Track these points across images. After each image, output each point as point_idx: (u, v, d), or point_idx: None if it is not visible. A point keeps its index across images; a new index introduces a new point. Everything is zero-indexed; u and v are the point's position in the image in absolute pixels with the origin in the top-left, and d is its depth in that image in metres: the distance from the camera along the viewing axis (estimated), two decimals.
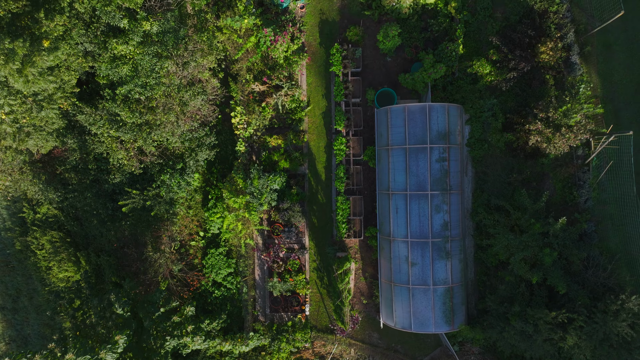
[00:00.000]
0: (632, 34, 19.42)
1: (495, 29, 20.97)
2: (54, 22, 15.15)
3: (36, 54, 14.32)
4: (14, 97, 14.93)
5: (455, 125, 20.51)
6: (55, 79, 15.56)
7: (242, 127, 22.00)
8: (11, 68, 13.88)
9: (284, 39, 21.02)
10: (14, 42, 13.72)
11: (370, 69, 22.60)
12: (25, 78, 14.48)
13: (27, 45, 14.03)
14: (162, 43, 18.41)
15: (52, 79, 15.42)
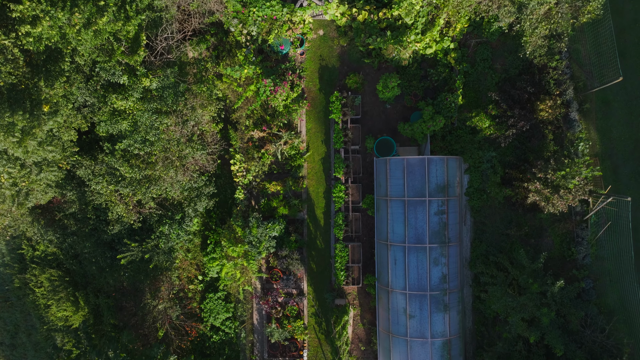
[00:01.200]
0: (631, 91, 19.48)
1: (495, 81, 21.02)
2: (54, 89, 15.20)
3: (36, 125, 14.37)
4: (13, 165, 14.98)
5: (454, 177, 20.53)
6: (54, 148, 15.61)
7: (241, 174, 22.03)
8: (11, 141, 13.92)
9: (284, 89, 21.06)
10: (13, 116, 13.77)
11: (370, 116, 22.64)
12: (25, 149, 14.53)
13: (26, 117, 14.08)
14: (161, 99, 18.44)
15: (52, 148, 15.46)
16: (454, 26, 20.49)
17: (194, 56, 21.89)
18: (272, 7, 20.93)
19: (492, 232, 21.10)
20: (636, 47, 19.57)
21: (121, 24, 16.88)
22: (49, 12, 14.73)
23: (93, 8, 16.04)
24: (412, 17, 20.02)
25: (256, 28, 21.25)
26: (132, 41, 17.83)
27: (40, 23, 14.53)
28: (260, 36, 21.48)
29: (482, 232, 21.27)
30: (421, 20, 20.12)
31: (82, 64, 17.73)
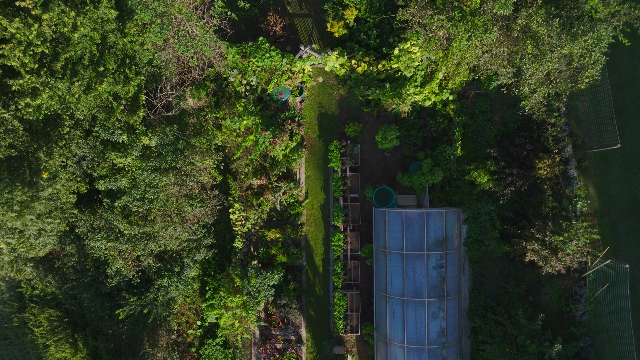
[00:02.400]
0: (630, 149, 19.52)
1: (494, 133, 21.07)
2: (53, 159, 15.26)
3: (35, 199, 14.42)
4: (12, 235, 15.03)
5: (453, 229, 20.57)
6: (53, 220, 15.66)
7: (240, 223, 22.07)
8: (10, 215, 13.97)
9: (283, 140, 21.11)
10: (13, 192, 13.82)
11: (369, 164, 22.68)
12: (24, 222, 14.58)
13: (25, 192, 14.12)
14: (160, 156, 18.48)
15: (51, 220, 15.51)
16: (453, 79, 20.53)
17: (193, 105, 21.96)
18: (271, 57, 21.00)
19: (491, 283, 21.12)
20: (634, 104, 19.62)
21: (121, 86, 16.93)
22: (49, 83, 14.78)
23: (93, 73, 16.10)
24: (411, 70, 20.08)
25: (256, 78, 21.31)
26: (132, 100, 17.88)
27: (40, 96, 14.56)
28: (260, 86, 21.54)
29: (481, 283, 21.29)
30: (420, 74, 20.17)
31: (81, 118, 17.77)
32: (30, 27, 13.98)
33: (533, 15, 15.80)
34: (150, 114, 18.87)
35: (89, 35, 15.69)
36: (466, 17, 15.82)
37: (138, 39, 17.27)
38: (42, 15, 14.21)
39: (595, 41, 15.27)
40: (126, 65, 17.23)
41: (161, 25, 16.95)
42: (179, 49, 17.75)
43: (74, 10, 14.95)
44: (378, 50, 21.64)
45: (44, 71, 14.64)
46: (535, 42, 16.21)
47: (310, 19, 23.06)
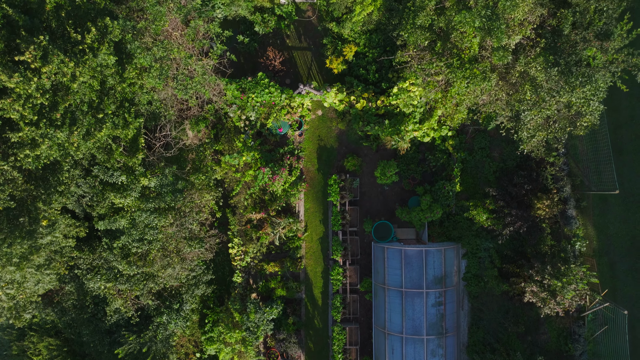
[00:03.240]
0: (628, 188, 19.55)
1: (493, 169, 21.09)
2: (52, 208, 15.28)
3: (34, 252, 14.44)
4: (11, 286, 15.06)
5: (452, 266, 20.59)
6: (51, 271, 15.69)
7: (239, 258, 22.09)
8: (8, 270, 14.00)
9: (282, 176, 21.13)
10: (12, 246, 13.84)
11: (368, 197, 22.70)
12: (23, 274, 14.60)
13: (24, 244, 14.15)
14: (159, 196, 18.50)
15: (49, 271, 15.54)
16: (452, 116, 20.55)
17: (192, 136, 21.98)
18: (270, 93, 21.03)
19: (490, 319, 21.12)
20: (633, 143, 19.65)
21: (120, 130, 16.95)
22: (48, 134, 14.80)
23: (92, 119, 16.13)
24: (410, 108, 20.10)
25: (255, 113, 21.34)
26: (131, 142, 17.90)
27: (39, 147, 14.59)
28: (259, 121, 21.56)
29: (480, 318, 21.29)
30: (419, 111, 20.19)
31: (80, 157, 17.80)
32: (29, 81, 14.01)
33: (531, 63, 15.84)
34: (149, 154, 18.89)
35: (88, 83, 15.72)
36: (465, 65, 15.85)
37: (137, 82, 17.31)
38: (41, 69, 14.25)
39: (594, 91, 15.30)
40: (125, 108, 17.26)
41: (160, 69, 16.99)
42: (178, 93, 17.78)
43: (73, 61, 14.99)
44: (377, 85, 21.67)
45: (43, 122, 14.66)
46: (534, 88, 16.25)
47: (309, 52, 23.10)
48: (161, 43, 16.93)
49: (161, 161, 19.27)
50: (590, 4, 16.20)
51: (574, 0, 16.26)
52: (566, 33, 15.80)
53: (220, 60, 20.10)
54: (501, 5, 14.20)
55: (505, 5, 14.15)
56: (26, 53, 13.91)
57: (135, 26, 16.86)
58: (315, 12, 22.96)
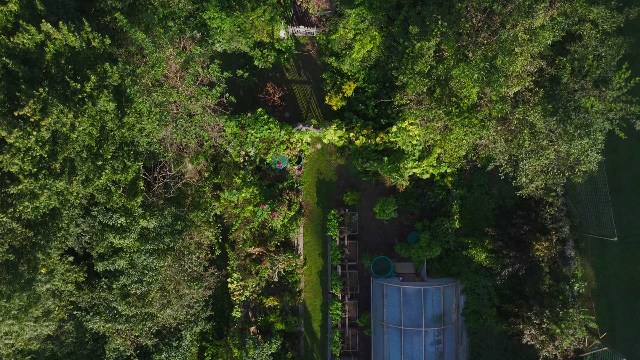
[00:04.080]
0: (627, 228, 19.58)
1: (491, 206, 21.12)
2: (51, 257, 15.32)
3: (33, 304, 14.47)
4: (10, 336, 15.08)
5: (451, 303, 20.61)
6: (50, 322, 15.71)
7: (238, 293, 22.10)
8: (7, 323, 14.02)
9: (281, 213, 21.15)
10: (10, 300, 13.86)
11: (367, 231, 22.72)
12: (21, 326, 14.62)
13: (23, 296, 14.17)
14: (159, 237, 18.52)
15: (47, 323, 15.57)
16: (450, 154, 20.58)
17: (191, 169, 22.00)
18: (270, 129, 21.08)
19: (488, 356, 21.12)
20: (632, 184, 19.68)
21: (119, 175, 16.97)
22: (47, 184, 14.83)
23: (91, 166, 16.15)
24: (409, 145, 20.12)
25: (254, 149, 21.37)
26: (130, 184, 17.93)
27: (38, 199, 14.61)
28: (258, 156, 21.59)
29: (478, 355, 21.29)
30: (418, 148, 20.22)
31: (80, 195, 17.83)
32: (29, 135, 14.04)
33: (530, 111, 15.87)
34: (148, 195, 18.90)
35: (87, 130, 15.74)
36: (463, 114, 15.88)
37: (136, 125, 17.33)
38: (41, 121, 14.28)
39: (592, 143, 15.34)
40: (124, 151, 17.28)
41: (160, 114, 17.01)
42: (177, 137, 17.81)
43: (73, 110, 15.02)
44: (376, 121, 21.71)
45: (42, 174, 14.69)
46: (533, 134, 16.28)
47: (309, 85, 23.14)
48: (160, 88, 16.96)
49: (160, 200, 19.28)
50: (588, 52, 16.26)
51: (572, 48, 16.33)
52: (565, 81, 15.84)
53: (220, 99, 20.13)
54: (499, 61, 14.23)
55: (504, 60, 14.19)
56: (25, 107, 13.94)
57: (135, 71, 16.89)
58: (314, 46, 23.00)
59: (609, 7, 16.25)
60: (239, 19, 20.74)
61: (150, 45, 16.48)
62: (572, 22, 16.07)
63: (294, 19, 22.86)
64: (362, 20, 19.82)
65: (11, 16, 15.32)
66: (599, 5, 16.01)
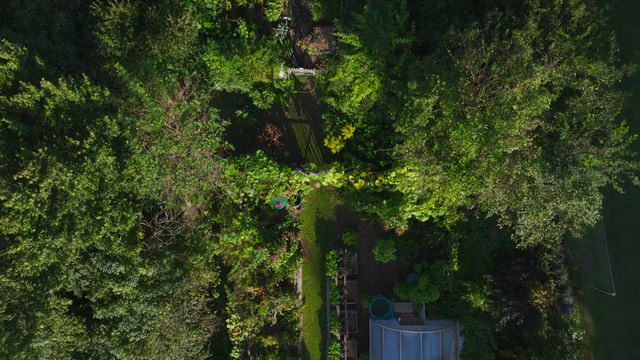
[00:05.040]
0: (625, 275, 19.62)
1: (490, 250, 21.15)
2: (50, 315, 15.35)
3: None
4: None
5: (449, 347, 20.61)
6: None
7: (237, 334, 22.10)
8: None
9: (280, 256, 21.18)
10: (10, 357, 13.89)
11: (366, 270, 22.74)
12: None
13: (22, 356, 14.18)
14: (158, 285, 18.53)
15: None
16: (449, 198, 20.61)
17: (191, 206, 22.04)
18: (269, 171, 21.11)
19: None
20: (630, 230, 19.72)
21: (118, 226, 16.99)
22: (46, 243, 14.85)
23: (90, 220, 16.18)
24: (408, 190, 20.14)
25: (253, 191, 21.41)
26: (129, 233, 17.94)
27: (37, 259, 14.63)
28: (257, 198, 21.61)
29: None
30: (417, 192, 20.24)
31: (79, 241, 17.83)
32: (28, 199, 14.06)
33: (528, 167, 15.91)
34: (147, 243, 18.90)
35: (87, 186, 15.76)
36: (462, 170, 15.92)
37: (136, 176, 17.35)
38: (40, 183, 14.30)
39: (589, 203, 15.38)
40: (123, 202, 17.30)
41: (159, 168, 17.03)
42: (176, 189, 17.84)
43: (72, 168, 15.04)
44: (375, 162, 21.74)
45: (41, 234, 14.72)
46: (531, 189, 16.32)
47: (308, 125, 23.18)
48: (159, 140, 16.99)
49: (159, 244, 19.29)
50: (587, 107, 16.31)
51: (570, 103, 16.37)
52: (563, 138, 15.88)
53: (220, 144, 20.17)
54: (497, 125, 14.27)
55: (502, 125, 14.23)
56: (25, 171, 13.95)
57: (134, 122, 16.92)
58: (314, 85, 23.06)
59: (607, 62, 16.31)
60: (239, 62, 20.81)
61: (150, 99, 16.51)
62: (571, 78, 16.12)
63: (293, 59, 22.93)
64: (361, 65, 19.87)
65: (11, 74, 15.35)
66: (597, 62, 16.06)
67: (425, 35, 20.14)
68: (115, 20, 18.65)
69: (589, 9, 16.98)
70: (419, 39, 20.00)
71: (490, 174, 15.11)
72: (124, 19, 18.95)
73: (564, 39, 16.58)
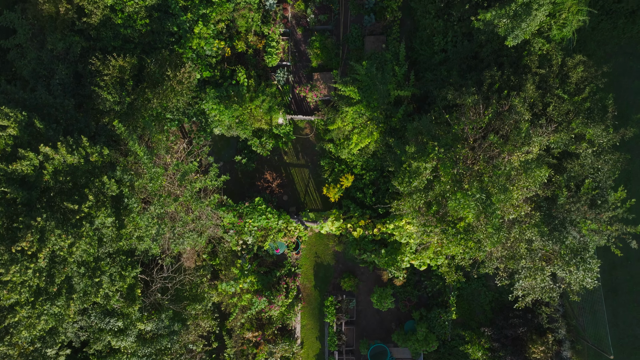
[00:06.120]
0: (623, 329, 19.64)
1: (489, 299, 21.17)
2: None
3: None
4: None
5: None
6: None
7: None
8: None
9: (278, 305, 21.19)
10: None
11: (364, 316, 22.74)
12: None
13: None
14: (156, 339, 18.54)
15: None
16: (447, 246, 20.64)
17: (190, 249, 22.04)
18: (268, 219, 21.14)
19: None
20: (628, 283, 19.74)
21: (117, 284, 17.00)
22: (45, 311, 14.86)
23: (89, 281, 16.20)
24: (407, 239, 20.18)
25: (252, 238, 21.43)
26: (128, 290, 17.94)
27: (35, 328, 14.64)
28: (256, 245, 21.63)
29: None
30: (416, 242, 20.27)
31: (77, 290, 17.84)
32: (27, 270, 14.09)
33: (526, 231, 15.94)
34: (146, 294, 18.91)
35: (85, 249, 15.78)
36: (460, 235, 15.95)
37: (135, 234, 17.37)
38: (38, 253, 14.33)
39: (587, 272, 15.42)
40: (121, 260, 17.32)
41: (158, 228, 17.06)
42: (175, 248, 17.87)
43: (71, 233, 15.07)
44: (374, 209, 21.76)
45: (40, 301, 14.73)
46: (529, 252, 16.35)
47: (307, 169, 23.21)
48: (158, 201, 17.02)
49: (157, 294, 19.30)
50: (585, 170, 16.35)
51: (569, 166, 16.41)
52: (561, 203, 15.92)
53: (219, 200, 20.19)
54: (495, 199, 14.30)
55: (499, 198, 14.26)
56: (23, 242, 13.98)
57: (133, 181, 16.96)
58: (312, 130, 23.10)
59: (604, 124, 16.34)
60: (238, 111, 20.87)
61: (149, 161, 16.55)
62: (569, 142, 16.16)
63: (292, 103, 22.98)
64: (360, 115, 19.92)
65: (10, 139, 15.38)
66: (595, 125, 16.10)
67: (424, 87, 20.21)
68: (114, 74, 18.70)
69: (587, 70, 17.03)
70: (418, 91, 20.07)
71: (488, 244, 15.13)
72: (123, 72, 19.02)
73: (562, 100, 16.64)
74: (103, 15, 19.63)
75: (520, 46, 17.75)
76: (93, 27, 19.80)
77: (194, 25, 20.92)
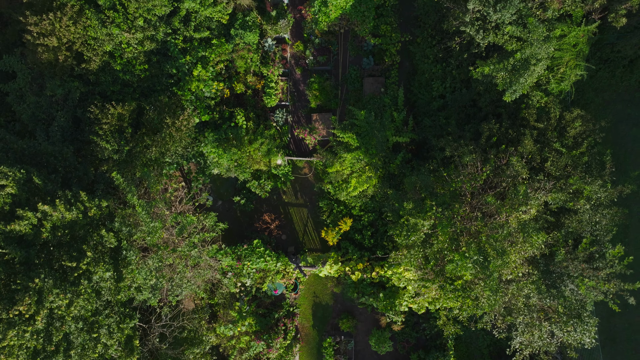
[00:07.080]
0: None
1: (486, 343, 21.16)
2: None
3: None
4: None
5: None
6: None
7: None
8: None
9: (276, 348, 21.18)
10: None
11: (363, 357, 22.71)
12: None
13: None
14: None
15: None
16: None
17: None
18: (266, 261, 21.15)
19: None
20: (626, 332, 19.74)
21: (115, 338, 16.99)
22: None
23: (87, 336, 16.19)
24: (405, 284, 20.17)
25: (250, 280, 21.43)
26: (126, 340, 17.92)
27: None
28: (254, 287, 21.63)
29: None
30: (414, 287, 20.26)
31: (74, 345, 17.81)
32: (24, 333, 14.09)
33: (524, 288, 15.95)
34: (144, 343, 18.90)
35: (83, 305, 15.77)
36: (457, 292, 15.95)
37: (133, 285, 17.37)
38: (36, 316, 14.33)
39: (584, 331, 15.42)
40: (119, 311, 17.31)
41: (156, 280, 17.06)
42: (172, 300, 17.87)
43: (69, 292, 15.08)
44: (372, 251, 21.75)
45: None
46: (527, 307, 16.35)
47: (306, 209, 23.21)
48: (156, 255, 17.03)
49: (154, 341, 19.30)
50: (583, 225, 16.36)
51: (566, 222, 16.42)
52: (559, 260, 15.92)
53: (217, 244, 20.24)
54: (492, 266, 14.32)
55: (496, 264, 14.28)
56: (21, 306, 13.99)
57: (132, 234, 16.97)
58: (311, 170, 23.11)
59: (602, 180, 16.35)
60: (236, 154, 20.88)
61: (147, 216, 16.56)
62: (567, 198, 16.17)
63: (291, 143, 23.02)
64: (358, 160, 19.94)
65: (8, 198, 15.39)
66: (593, 182, 16.10)
67: (422, 134, 20.23)
68: (112, 122, 18.70)
69: (585, 124, 17.06)
70: (416, 136, 20.10)
71: (485, 307, 15.14)
72: (122, 120, 19.03)
73: (560, 154, 16.66)
74: (102, 61, 19.69)
75: (518, 98, 17.77)
76: (92, 72, 19.84)
77: (192, 67, 20.99)
